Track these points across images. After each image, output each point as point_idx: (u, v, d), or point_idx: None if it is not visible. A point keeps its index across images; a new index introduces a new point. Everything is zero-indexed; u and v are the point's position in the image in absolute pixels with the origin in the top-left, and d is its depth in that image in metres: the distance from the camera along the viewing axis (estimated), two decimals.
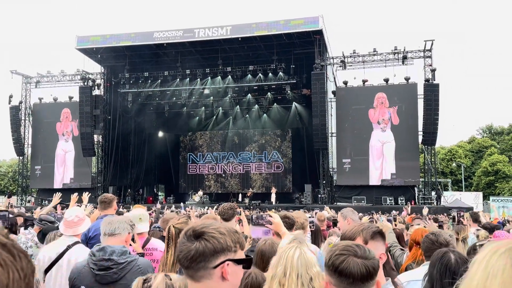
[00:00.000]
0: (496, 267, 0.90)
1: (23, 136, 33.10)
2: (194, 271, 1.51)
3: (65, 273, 3.86)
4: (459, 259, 2.62)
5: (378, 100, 27.52)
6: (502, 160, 50.40)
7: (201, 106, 32.56)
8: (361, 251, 1.70)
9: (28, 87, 33.87)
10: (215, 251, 1.51)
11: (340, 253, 1.69)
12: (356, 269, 1.64)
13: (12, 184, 54.14)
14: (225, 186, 35.29)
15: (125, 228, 3.16)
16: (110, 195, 5.38)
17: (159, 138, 36.03)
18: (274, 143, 34.99)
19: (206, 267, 1.50)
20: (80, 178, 31.19)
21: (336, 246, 1.77)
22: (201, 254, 1.49)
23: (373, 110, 27.59)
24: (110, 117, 31.31)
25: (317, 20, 26.32)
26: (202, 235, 1.53)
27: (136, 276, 2.85)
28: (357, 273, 1.64)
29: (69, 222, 4.05)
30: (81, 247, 4.10)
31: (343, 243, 1.80)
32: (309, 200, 27.33)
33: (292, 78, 28.92)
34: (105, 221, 3.24)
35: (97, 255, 2.87)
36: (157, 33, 28.65)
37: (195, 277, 1.52)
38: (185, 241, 1.54)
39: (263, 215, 3.16)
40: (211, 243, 1.51)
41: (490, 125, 61.54)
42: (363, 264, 1.66)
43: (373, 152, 27.35)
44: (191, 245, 1.51)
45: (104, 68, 31.96)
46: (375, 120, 27.48)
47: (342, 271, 1.64)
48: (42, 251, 4.08)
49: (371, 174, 27.23)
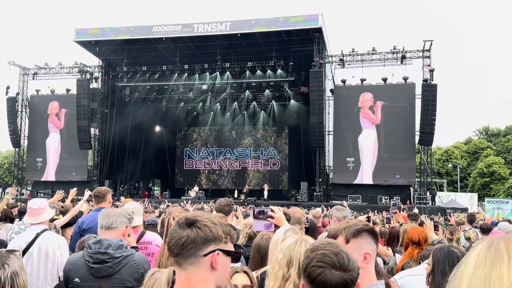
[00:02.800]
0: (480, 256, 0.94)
1: (20, 127, 33.00)
2: (183, 258, 1.52)
3: (36, 260, 3.91)
4: (462, 251, 2.74)
5: (365, 102, 27.63)
6: (498, 162, 50.57)
7: (199, 101, 32.47)
8: (340, 261, 1.63)
9: (26, 78, 33.75)
10: (206, 239, 1.53)
11: (317, 265, 1.62)
12: (334, 283, 1.59)
13: (8, 176, 53.99)
14: (221, 182, 35.27)
15: (123, 221, 3.14)
16: (104, 188, 5.29)
17: (156, 133, 35.95)
18: (271, 140, 34.98)
19: (196, 255, 1.52)
20: (71, 170, 31.14)
21: (314, 252, 1.67)
22: (192, 241, 1.51)
23: (363, 110, 27.72)
24: (107, 111, 31.24)
25: (316, 18, 26.28)
26: (194, 223, 1.54)
27: (131, 271, 2.87)
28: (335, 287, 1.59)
29: (35, 210, 4.15)
30: (51, 234, 4.15)
31: (320, 250, 1.68)
32: (305, 198, 27.37)
33: (291, 75, 28.90)
34: (102, 213, 3.20)
35: (93, 248, 2.85)
36: (156, 27, 28.57)
37: (184, 264, 1.53)
38: (176, 228, 1.56)
39: (265, 209, 3.21)
40: (202, 231, 1.53)
41: (487, 127, 61.73)
42: (340, 277, 1.60)
43: (362, 151, 27.50)
44: (183, 232, 1.53)
45: (102, 61, 31.86)
46: (364, 120, 27.63)
47: (319, 284, 1.61)
48: (13, 241, 4.12)
49: (365, 173, 27.32)
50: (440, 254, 2.73)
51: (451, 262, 2.64)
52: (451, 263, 2.63)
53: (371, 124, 27.51)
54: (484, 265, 0.92)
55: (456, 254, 2.68)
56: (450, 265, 2.62)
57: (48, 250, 3.93)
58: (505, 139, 56.52)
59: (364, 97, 27.63)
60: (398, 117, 27.18)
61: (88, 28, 29.97)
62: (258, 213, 3.25)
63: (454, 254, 2.68)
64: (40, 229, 4.07)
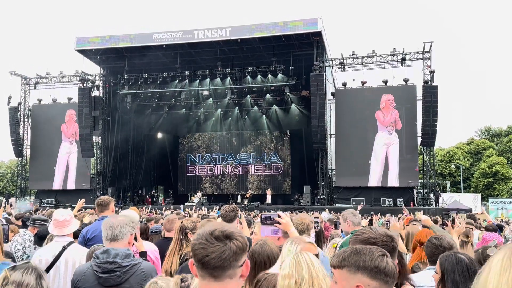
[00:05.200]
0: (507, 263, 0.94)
1: (22, 137, 33.08)
2: (222, 270, 1.58)
3: (63, 274, 3.87)
4: (469, 258, 2.73)
5: (387, 102, 27.42)
6: (501, 162, 50.50)
7: (200, 107, 32.52)
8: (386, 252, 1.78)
9: (27, 88, 33.85)
10: (243, 250, 1.62)
11: (380, 254, 1.73)
12: (395, 269, 1.73)
13: (11, 185, 54.06)
14: (224, 187, 35.27)
15: (127, 231, 3.13)
16: (107, 197, 5.33)
17: (158, 140, 35.98)
18: (273, 144, 35.00)
19: (235, 266, 1.59)
20: (81, 180, 31.18)
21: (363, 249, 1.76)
22: (234, 253, 1.58)
23: (381, 112, 27.45)
24: (109, 119, 31.30)
25: (316, 21, 26.34)
26: (231, 235, 1.61)
27: (139, 280, 2.89)
28: (396, 272, 1.73)
29: (61, 222, 4.08)
30: (76, 247, 4.11)
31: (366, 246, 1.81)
32: (308, 201, 27.33)
33: (291, 79, 28.94)
34: (105, 224, 3.17)
35: (100, 258, 2.87)
36: (156, 34, 28.66)
37: (221, 277, 1.59)
38: (214, 241, 1.59)
39: (272, 214, 3.24)
40: (240, 243, 1.61)
41: (489, 127, 61.66)
42: (394, 264, 1.75)
43: (377, 155, 27.28)
44: (223, 245, 1.58)
45: (103, 70, 31.95)
46: (386, 123, 27.29)
47: (388, 272, 1.70)
48: (38, 254, 4.07)
49: (373, 176, 27.16)
50: (448, 262, 2.71)
51: (460, 270, 2.64)
52: (460, 271, 2.63)
53: (384, 128, 27.27)
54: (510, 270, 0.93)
55: (464, 261, 2.67)
56: (460, 274, 2.62)
57: (75, 263, 3.90)
58: (507, 138, 56.43)
59: (387, 98, 27.33)
60: (400, 119, 27.09)
61: (89, 37, 30.06)
62: (265, 218, 3.28)
63: (462, 262, 2.67)
64: (66, 241, 4.04)
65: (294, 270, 2.11)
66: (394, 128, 27.18)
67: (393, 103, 27.27)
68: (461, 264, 2.66)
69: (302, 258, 2.16)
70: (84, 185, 30.87)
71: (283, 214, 3.33)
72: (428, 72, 26.80)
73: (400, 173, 26.73)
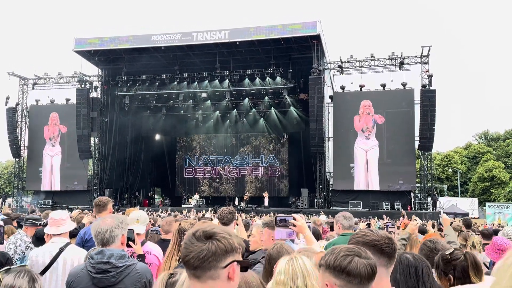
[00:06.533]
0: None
1: (20, 137, 33.00)
2: (203, 271, 1.54)
3: (60, 275, 3.86)
4: (416, 256, 2.72)
5: (364, 108, 27.62)
6: (498, 166, 50.61)
7: (199, 109, 32.50)
8: (363, 252, 1.75)
9: (25, 89, 33.79)
10: (226, 251, 1.55)
11: (345, 254, 1.72)
12: (364, 269, 1.69)
13: (8, 186, 53.93)
14: (221, 190, 35.22)
15: (117, 234, 3.11)
16: (105, 198, 5.33)
17: (156, 141, 35.96)
18: (270, 147, 34.98)
19: (216, 267, 1.54)
20: (67, 181, 31.13)
21: (336, 248, 1.78)
22: (213, 254, 1.53)
23: (358, 117, 27.74)
24: (107, 120, 31.24)
25: (315, 25, 26.39)
26: (213, 235, 1.57)
27: (133, 281, 2.88)
28: (365, 272, 1.69)
29: (56, 221, 4.11)
30: (73, 248, 4.11)
31: (341, 245, 1.81)
32: (306, 204, 27.33)
33: (290, 82, 28.97)
34: (93, 229, 3.13)
35: (95, 258, 2.85)
36: (155, 36, 28.66)
37: (203, 277, 1.55)
38: (194, 241, 1.57)
39: (287, 217, 3.21)
40: (222, 244, 1.55)
41: (486, 131, 61.86)
42: (368, 264, 1.71)
43: (357, 159, 27.51)
44: (203, 245, 1.54)
45: (102, 71, 31.94)
46: (359, 128, 27.64)
47: (350, 271, 1.68)
48: (34, 254, 4.07)
49: (357, 180, 27.35)
50: None
51: (401, 269, 2.62)
52: (401, 270, 2.62)
53: (361, 133, 27.53)
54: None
55: (407, 260, 2.66)
56: (401, 273, 2.61)
57: (73, 263, 3.90)
58: (504, 143, 56.59)
59: (364, 104, 27.65)
60: (397, 123, 27.18)
61: (87, 38, 30.07)
62: (280, 221, 3.22)
63: (405, 261, 2.66)
64: (63, 242, 4.05)
65: (289, 278, 2.12)
66: (371, 133, 27.32)
67: (370, 109, 27.45)
68: (404, 264, 2.65)
69: (297, 265, 2.16)
70: (68, 186, 30.83)
71: (298, 216, 3.30)
72: (426, 76, 26.87)
73: (380, 177, 26.83)
